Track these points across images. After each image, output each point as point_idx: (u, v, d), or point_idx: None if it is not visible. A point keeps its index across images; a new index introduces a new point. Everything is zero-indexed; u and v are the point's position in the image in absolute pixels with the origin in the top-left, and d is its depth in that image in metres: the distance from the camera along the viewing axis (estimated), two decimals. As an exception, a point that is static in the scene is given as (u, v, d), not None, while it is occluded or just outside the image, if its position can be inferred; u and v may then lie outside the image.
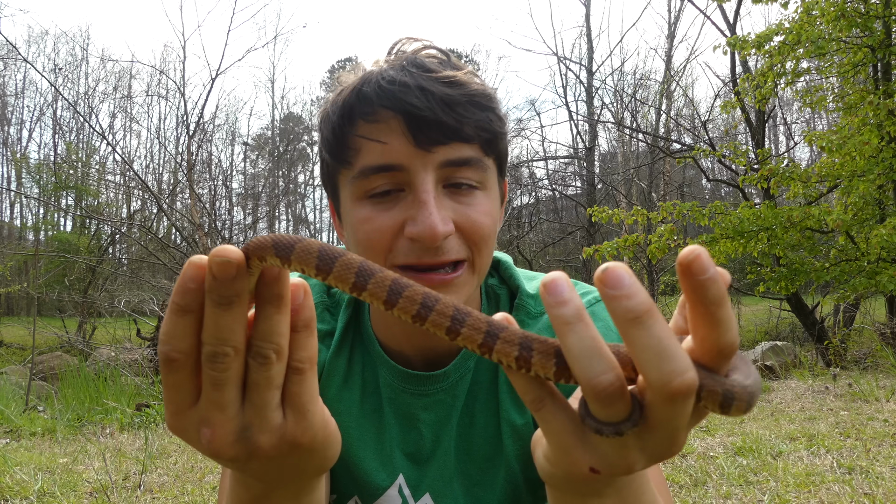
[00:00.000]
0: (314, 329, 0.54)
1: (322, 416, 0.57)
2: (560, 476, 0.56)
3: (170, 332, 0.50)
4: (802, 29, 7.79)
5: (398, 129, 0.85)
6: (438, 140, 0.85)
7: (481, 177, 0.90)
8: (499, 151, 0.94)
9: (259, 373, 0.51)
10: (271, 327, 0.50)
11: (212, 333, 0.49)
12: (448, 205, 0.88)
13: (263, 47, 30.67)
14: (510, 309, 1.06)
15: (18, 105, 27.78)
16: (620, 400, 0.46)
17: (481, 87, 0.90)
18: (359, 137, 0.87)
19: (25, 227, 26.87)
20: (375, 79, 0.88)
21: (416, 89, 0.85)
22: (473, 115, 0.87)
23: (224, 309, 0.48)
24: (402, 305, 0.49)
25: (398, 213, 0.87)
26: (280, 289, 0.50)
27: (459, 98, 0.86)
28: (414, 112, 0.84)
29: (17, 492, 3.60)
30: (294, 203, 33.20)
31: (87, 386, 6.70)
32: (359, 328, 1.07)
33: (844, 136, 7.57)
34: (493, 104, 0.91)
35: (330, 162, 0.94)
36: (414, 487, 1.01)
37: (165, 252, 12.95)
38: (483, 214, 0.90)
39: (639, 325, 0.43)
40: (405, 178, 0.87)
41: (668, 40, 19.20)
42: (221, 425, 0.52)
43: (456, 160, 0.87)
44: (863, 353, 8.03)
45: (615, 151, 23.18)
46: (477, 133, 0.88)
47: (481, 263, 0.92)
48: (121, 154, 21.02)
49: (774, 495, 3.17)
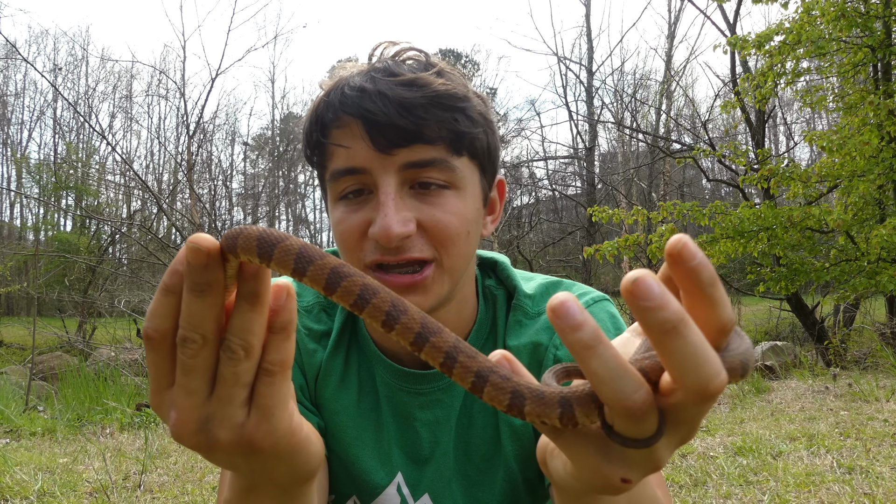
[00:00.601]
0: (291, 333, 0.52)
1: (289, 423, 0.55)
2: (586, 490, 0.54)
3: (154, 310, 0.51)
4: (802, 29, 7.78)
5: (359, 134, 0.89)
6: (397, 143, 0.87)
7: (449, 177, 0.91)
8: (474, 150, 0.94)
9: (226, 367, 0.50)
10: (243, 324, 0.50)
11: (185, 317, 0.49)
12: (412, 205, 0.90)
13: (263, 47, 30.76)
14: (507, 309, 1.06)
15: (19, 105, 27.81)
16: (652, 415, 0.45)
17: (447, 87, 0.90)
18: (328, 143, 0.92)
19: (25, 227, 26.87)
20: (341, 86, 0.91)
21: (373, 94, 0.87)
22: (435, 116, 0.88)
23: (195, 295, 0.48)
24: (369, 311, 0.48)
25: (365, 213, 0.90)
26: (257, 286, 0.50)
27: (418, 100, 0.87)
28: (370, 117, 0.87)
29: (17, 492, 3.60)
30: (294, 203, 33.20)
31: (87, 386, 6.70)
32: (355, 328, 1.07)
33: (845, 136, 7.56)
34: (460, 104, 0.90)
35: (312, 167, 1.00)
36: (413, 487, 1.01)
37: (165, 252, 12.94)
38: (450, 214, 0.90)
39: (675, 335, 0.41)
40: (370, 180, 0.90)
41: (668, 40, 19.22)
42: (186, 411, 0.52)
43: (417, 162, 0.89)
44: (863, 353, 8.03)
45: (615, 151, 23.19)
46: (439, 134, 0.89)
47: (451, 263, 0.92)
48: (121, 154, 21.06)
49: (774, 495, 3.17)
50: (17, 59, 22.02)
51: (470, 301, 1.04)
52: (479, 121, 0.94)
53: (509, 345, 1.02)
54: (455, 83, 0.92)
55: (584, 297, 1.05)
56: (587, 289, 1.07)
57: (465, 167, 0.93)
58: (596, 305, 1.04)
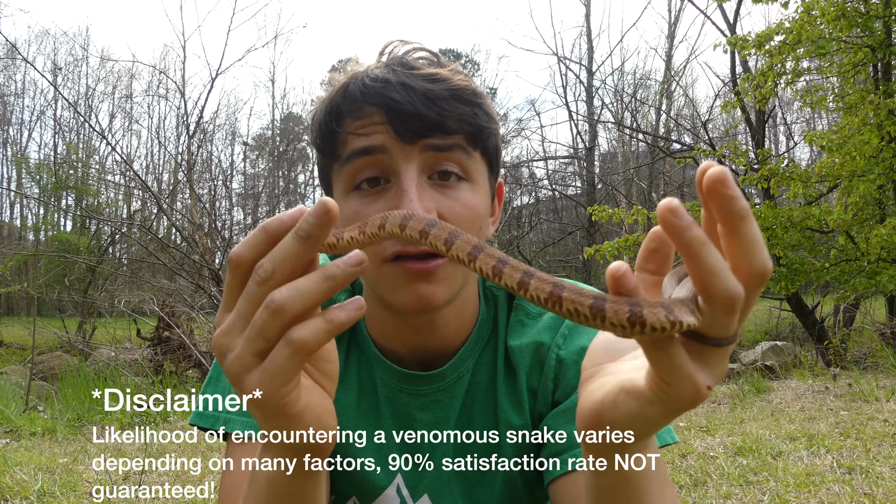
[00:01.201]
0: (331, 329, 0.57)
1: (287, 401, 0.59)
2: (668, 410, 0.57)
3: (247, 241, 0.58)
4: (803, 28, 7.78)
5: (381, 124, 0.88)
6: (420, 133, 0.87)
7: (467, 166, 0.92)
8: (486, 147, 0.95)
9: (259, 292, 0.56)
10: (292, 260, 0.56)
11: (274, 252, 0.56)
12: (432, 196, 0.89)
13: (263, 47, 30.73)
14: (509, 308, 1.06)
15: (18, 105, 27.80)
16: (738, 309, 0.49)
17: (466, 83, 0.91)
18: (345, 133, 0.91)
19: (25, 227, 26.86)
20: (361, 77, 0.91)
21: (397, 85, 0.87)
22: (456, 108, 0.89)
23: (298, 240, 0.56)
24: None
25: (383, 203, 0.89)
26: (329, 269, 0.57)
27: (442, 93, 0.88)
28: (395, 106, 0.87)
29: (17, 492, 3.60)
30: (294, 203, 33.19)
31: (87, 386, 6.69)
32: (355, 329, 1.07)
33: (845, 136, 7.56)
34: (478, 100, 0.92)
35: (321, 159, 0.97)
36: (412, 488, 1.01)
37: (165, 252, 12.94)
38: (466, 207, 0.91)
39: (749, 221, 0.47)
40: (389, 164, 0.89)
41: (668, 40, 19.22)
42: (228, 334, 0.58)
43: (439, 145, 0.89)
44: (863, 353, 8.03)
45: (615, 151, 23.17)
46: (460, 126, 0.90)
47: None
48: (121, 154, 21.01)
49: (774, 495, 3.17)
50: (17, 59, 22.03)
51: (472, 301, 1.04)
52: (493, 118, 0.96)
53: (511, 345, 1.02)
54: (471, 81, 0.94)
55: None
56: (589, 288, 1.07)
57: (478, 161, 0.94)
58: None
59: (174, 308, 8.84)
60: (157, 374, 7.69)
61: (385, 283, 0.91)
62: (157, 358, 8.33)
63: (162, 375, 7.53)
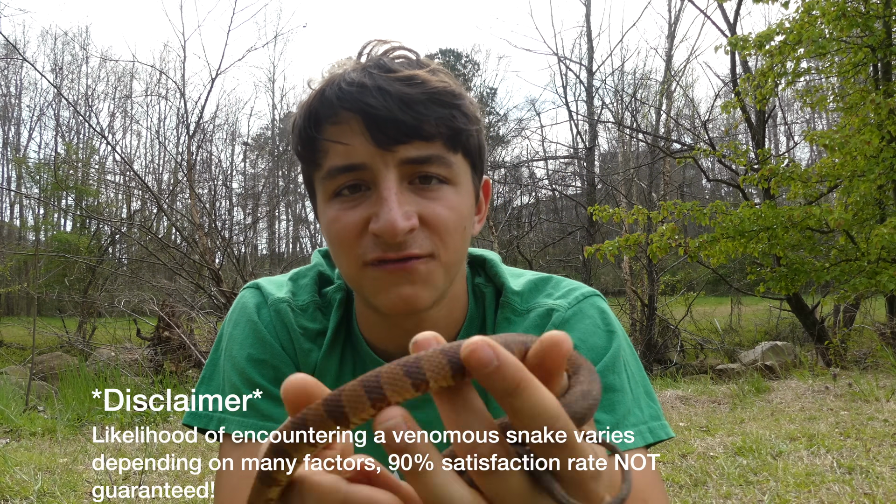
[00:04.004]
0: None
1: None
2: None
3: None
4: (803, 29, 7.78)
5: (358, 130, 0.87)
6: (398, 139, 0.86)
7: (448, 172, 0.91)
8: (468, 148, 0.94)
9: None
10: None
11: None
12: (412, 199, 0.89)
13: (263, 47, 30.74)
14: (496, 306, 1.06)
15: (18, 105, 27.80)
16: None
17: (444, 84, 0.90)
18: (324, 140, 0.90)
19: (25, 227, 26.87)
20: (337, 82, 0.89)
21: (374, 89, 0.86)
22: (434, 112, 0.87)
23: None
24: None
25: (363, 210, 0.88)
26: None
27: (419, 96, 0.87)
28: (371, 112, 0.85)
29: (17, 492, 3.60)
30: (294, 203, 33.16)
31: (87, 386, 6.69)
32: (350, 328, 1.07)
33: (846, 136, 7.56)
34: (457, 101, 0.91)
35: (303, 166, 0.96)
36: None
37: (165, 252, 12.93)
38: (448, 209, 0.90)
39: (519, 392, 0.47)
40: (369, 177, 0.88)
41: (668, 40, 19.17)
42: None
43: (416, 158, 0.88)
44: (863, 353, 8.03)
45: (615, 151, 23.16)
46: (438, 130, 0.88)
47: (448, 258, 0.92)
48: (121, 154, 20.99)
49: (774, 495, 3.17)
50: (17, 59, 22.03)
51: (461, 299, 1.04)
52: (473, 119, 0.94)
53: None
54: (450, 81, 0.92)
55: (574, 292, 1.04)
56: (577, 284, 1.07)
57: (459, 164, 0.93)
58: (586, 301, 1.02)
59: (174, 308, 8.85)
60: (157, 374, 7.69)
61: (368, 286, 0.91)
62: (157, 358, 8.34)
63: (162, 375, 7.52)
